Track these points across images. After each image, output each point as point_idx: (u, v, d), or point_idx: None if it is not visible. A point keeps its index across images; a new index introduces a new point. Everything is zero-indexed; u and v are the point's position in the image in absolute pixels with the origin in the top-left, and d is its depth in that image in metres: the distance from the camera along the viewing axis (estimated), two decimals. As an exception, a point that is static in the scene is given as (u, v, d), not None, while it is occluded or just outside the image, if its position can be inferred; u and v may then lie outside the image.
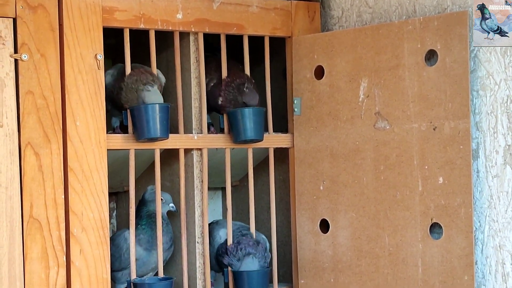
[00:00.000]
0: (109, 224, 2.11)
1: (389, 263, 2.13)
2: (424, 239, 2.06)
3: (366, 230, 2.18)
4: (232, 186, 2.39)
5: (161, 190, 2.22)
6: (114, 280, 2.22)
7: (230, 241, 2.28)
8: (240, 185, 2.68)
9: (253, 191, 2.34)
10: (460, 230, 2.00)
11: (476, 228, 2.04)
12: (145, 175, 2.44)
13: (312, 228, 2.31)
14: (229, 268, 2.27)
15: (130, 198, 2.15)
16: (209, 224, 2.37)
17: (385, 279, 2.14)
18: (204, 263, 2.27)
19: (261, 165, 2.56)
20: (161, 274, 2.18)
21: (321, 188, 2.29)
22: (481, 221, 2.04)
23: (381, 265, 2.15)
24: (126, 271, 2.20)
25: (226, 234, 2.30)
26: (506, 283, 1.99)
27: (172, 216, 2.32)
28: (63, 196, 1.99)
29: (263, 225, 2.51)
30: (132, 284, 2.12)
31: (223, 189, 2.68)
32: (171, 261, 2.32)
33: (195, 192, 2.27)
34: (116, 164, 2.28)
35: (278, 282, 2.38)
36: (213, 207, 2.76)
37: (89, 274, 2.01)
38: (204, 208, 2.26)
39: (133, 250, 2.14)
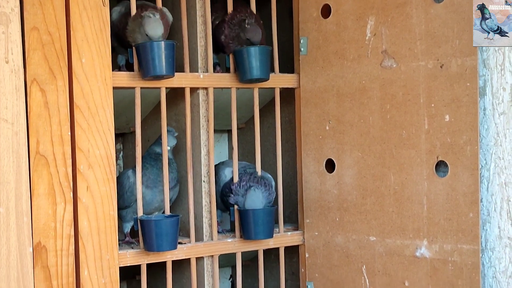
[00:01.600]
0: (116, 165, 2.12)
1: (394, 202, 2.13)
2: (429, 177, 2.06)
3: (372, 169, 2.18)
4: (238, 128, 2.39)
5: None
6: (120, 218, 2.23)
7: (236, 180, 2.29)
8: (246, 128, 2.68)
9: (259, 132, 2.34)
10: (466, 168, 2.00)
11: (482, 165, 2.04)
12: (151, 115, 2.44)
13: (317, 168, 2.32)
14: (235, 207, 2.28)
15: (136, 137, 2.16)
16: (215, 165, 2.38)
17: (390, 217, 2.14)
18: (210, 202, 2.28)
19: (267, 107, 2.55)
20: (167, 212, 2.19)
21: (327, 128, 2.28)
22: (487, 159, 2.04)
23: (386, 204, 2.15)
24: (131, 209, 2.22)
25: (232, 173, 2.31)
26: (511, 220, 2.00)
27: (178, 156, 2.32)
28: (69, 133, 2.00)
29: (269, 167, 2.52)
30: (138, 221, 2.14)
31: (229, 132, 2.68)
32: (178, 201, 2.34)
33: (201, 131, 2.27)
34: (122, 105, 2.28)
35: (283, 223, 2.40)
36: (219, 149, 2.77)
37: (96, 210, 2.02)
38: (210, 147, 2.27)
39: (139, 187, 2.15)
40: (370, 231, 2.19)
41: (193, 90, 2.26)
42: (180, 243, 2.20)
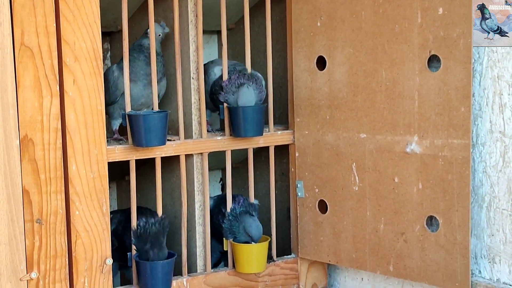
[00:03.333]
0: (103, 64, 2.08)
1: (385, 98, 2.11)
2: (421, 72, 2.03)
3: (363, 66, 2.15)
4: (228, 29, 2.34)
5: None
6: (108, 115, 2.20)
7: (225, 77, 2.25)
8: (235, 28, 2.63)
9: (249, 32, 2.30)
10: (459, 62, 1.96)
11: (474, 59, 2.01)
12: (138, 13, 2.39)
13: (308, 66, 2.28)
14: (225, 104, 2.25)
15: (123, 31, 2.11)
16: (204, 64, 2.34)
17: (381, 114, 2.12)
18: (199, 100, 2.25)
19: (257, 6, 2.50)
20: (156, 108, 2.16)
21: (318, 24, 2.24)
22: (480, 52, 2.01)
23: (377, 100, 2.13)
24: (117, 105, 2.19)
25: (221, 71, 2.28)
26: (503, 113, 1.98)
27: (166, 53, 2.28)
28: (54, 25, 1.95)
29: (259, 68, 2.48)
30: (127, 116, 2.11)
31: (219, 33, 2.64)
32: (166, 99, 2.30)
33: (189, 26, 2.22)
34: (109, 1, 2.22)
35: (274, 124, 2.37)
36: (209, 51, 2.73)
37: (83, 104, 1.99)
38: (199, 43, 2.22)
39: (127, 82, 2.12)
40: (361, 128, 2.17)
41: (182, -17, 2.21)
42: (169, 140, 2.18)
